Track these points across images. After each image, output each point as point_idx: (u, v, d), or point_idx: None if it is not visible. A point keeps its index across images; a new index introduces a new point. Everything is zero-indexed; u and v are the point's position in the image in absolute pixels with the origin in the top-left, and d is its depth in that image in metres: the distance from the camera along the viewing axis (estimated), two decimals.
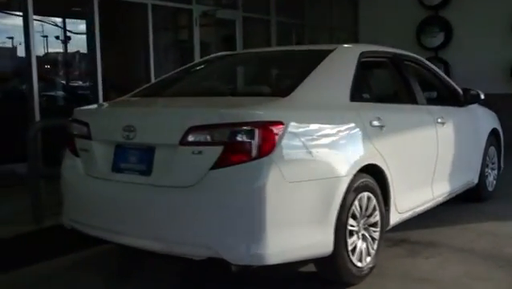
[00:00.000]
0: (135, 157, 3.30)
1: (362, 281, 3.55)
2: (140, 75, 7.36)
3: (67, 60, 11.98)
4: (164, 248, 3.15)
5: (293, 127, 3.07)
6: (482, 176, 5.55)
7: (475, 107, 5.44)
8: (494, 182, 5.93)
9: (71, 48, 12.59)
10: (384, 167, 3.69)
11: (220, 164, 2.97)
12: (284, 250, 3.02)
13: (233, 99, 3.50)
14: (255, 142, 2.93)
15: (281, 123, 3.02)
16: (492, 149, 5.80)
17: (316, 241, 3.19)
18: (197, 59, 7.56)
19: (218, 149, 2.97)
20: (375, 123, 3.71)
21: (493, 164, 5.87)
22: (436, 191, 4.59)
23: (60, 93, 8.06)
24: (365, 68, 4.05)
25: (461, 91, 5.22)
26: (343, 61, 3.83)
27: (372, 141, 3.63)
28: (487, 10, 9.71)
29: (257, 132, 2.94)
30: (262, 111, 3.04)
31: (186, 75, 4.46)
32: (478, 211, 5.32)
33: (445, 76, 5.22)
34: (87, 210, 3.51)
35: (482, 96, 5.18)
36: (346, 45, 4.06)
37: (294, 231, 3.06)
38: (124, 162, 3.35)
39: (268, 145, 2.95)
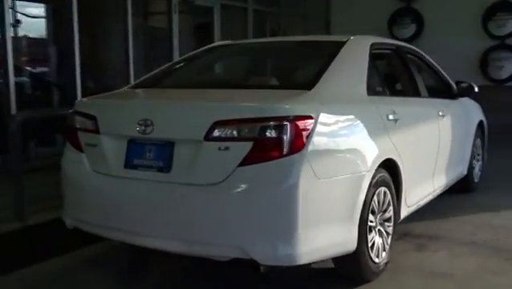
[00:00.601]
0: (151, 153, 3.10)
1: (378, 277, 3.49)
2: (118, 64, 7.07)
3: (38, 46, 11.37)
4: (186, 249, 2.99)
5: (321, 121, 2.96)
6: (470, 167, 5.61)
7: (465, 99, 5.46)
8: (479, 173, 6.00)
9: (41, 33, 11.95)
10: (398, 161, 3.64)
11: (249, 160, 2.82)
12: (314, 249, 2.92)
13: (257, 92, 3.33)
14: (287, 138, 2.80)
15: (311, 117, 2.90)
16: (478, 141, 5.86)
17: (343, 238, 3.10)
18: (176, 48, 7.33)
19: (247, 145, 2.82)
20: (391, 116, 3.64)
21: (478, 155, 5.94)
22: (437, 183, 4.61)
23: (36, 82, 7.63)
24: (374, 60, 3.96)
25: (453, 84, 5.24)
26: (358, 53, 3.74)
27: (389, 135, 3.57)
28: (458, 2, 9.84)
29: (289, 127, 2.81)
30: (294, 105, 2.91)
31: (193, 64, 4.26)
32: (469, 202, 5.37)
33: (440, 68, 5.21)
34: (96, 209, 3.29)
35: (476, 89, 5.21)
36: (357, 36, 3.95)
37: (323, 229, 2.96)
38: (139, 158, 3.14)
39: (300, 141, 2.82)
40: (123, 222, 3.16)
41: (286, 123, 2.81)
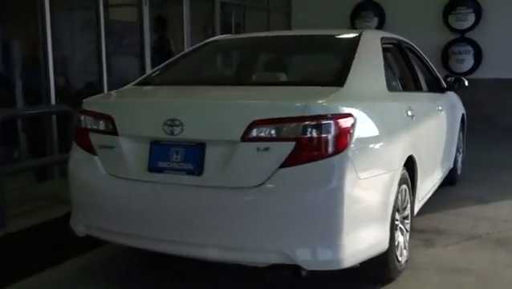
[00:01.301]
0: (179, 155, 2.92)
1: (401, 275, 3.45)
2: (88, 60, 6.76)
3: None
4: (222, 256, 2.84)
5: (359, 119, 2.86)
6: (455, 160, 5.70)
7: (450, 93, 5.53)
8: (461, 166, 6.12)
9: None
10: (416, 157, 3.62)
11: (291, 161, 2.69)
12: (355, 251, 2.83)
13: (289, 89, 3.19)
14: (332, 137, 2.69)
15: (351, 115, 2.80)
16: (460, 134, 5.97)
17: (379, 239, 3.03)
18: (147, 41, 7.05)
19: (289, 145, 2.69)
20: (409, 113, 3.61)
21: (460, 148, 6.05)
22: (436, 177, 4.66)
23: None
24: (385, 55, 3.92)
25: (441, 77, 5.29)
26: (374, 48, 3.67)
27: (409, 132, 3.53)
28: None
29: (333, 125, 2.70)
30: (336, 103, 2.80)
31: (203, 60, 4.06)
32: (457, 195, 5.45)
33: (429, 62, 5.24)
34: (114, 216, 3.07)
35: (466, 83, 5.27)
36: (367, 30, 3.89)
37: (363, 231, 2.88)
38: (165, 161, 2.95)
39: (344, 140, 2.73)
40: (147, 229, 2.96)
41: (330, 122, 2.70)
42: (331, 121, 2.70)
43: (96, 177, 3.14)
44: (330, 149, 2.69)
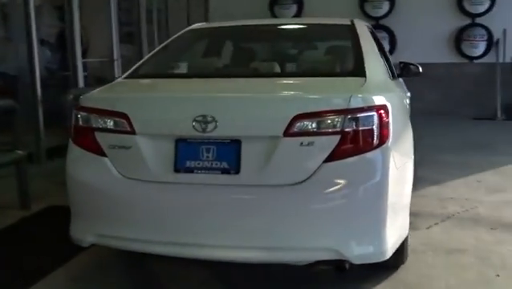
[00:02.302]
0: (210, 154, 2.74)
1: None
2: None
3: None
4: (267, 257, 2.73)
5: (391, 109, 2.86)
6: None
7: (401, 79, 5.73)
8: None
9: None
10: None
11: (337, 155, 2.64)
12: (394, 242, 2.86)
13: (317, 80, 3.09)
14: (376, 129, 2.67)
15: (386, 106, 2.79)
16: None
17: (404, 226, 3.09)
18: (34, 27, 6.27)
19: (334, 139, 2.64)
20: (407, 100, 3.69)
21: None
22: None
23: None
24: None
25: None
26: (369, 36, 3.70)
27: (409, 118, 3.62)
28: None
29: (376, 117, 2.68)
30: (375, 95, 2.77)
31: (207, 51, 3.84)
32: (416, 178, 5.68)
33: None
34: (133, 222, 2.83)
35: (421, 69, 5.47)
36: (356, 19, 3.91)
37: (397, 221, 2.91)
38: (194, 160, 2.76)
39: (385, 131, 2.72)
40: (175, 233, 2.77)
41: (374, 113, 2.68)
42: (375, 113, 2.68)
43: (108, 180, 2.87)
44: (375, 141, 2.67)
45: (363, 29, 3.68)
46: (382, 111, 2.71)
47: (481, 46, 9.92)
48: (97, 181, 2.91)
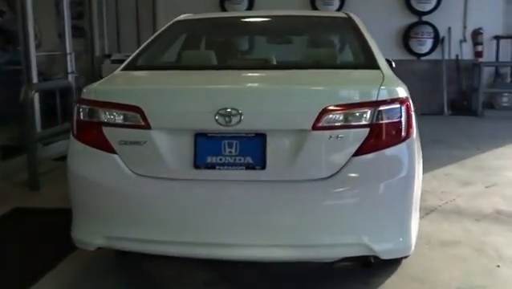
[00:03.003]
0: (233, 148, 2.62)
1: None
2: None
3: None
4: (295, 255, 2.65)
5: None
6: None
7: None
8: None
9: None
10: None
11: (366, 149, 2.59)
12: (415, 236, 2.84)
13: (338, 72, 3.01)
14: (404, 121, 2.65)
15: (409, 98, 2.77)
16: None
17: (418, 220, 3.07)
18: None
19: (363, 132, 2.59)
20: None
21: None
22: None
23: None
24: None
25: None
26: (366, 29, 3.67)
27: None
28: None
29: (403, 109, 2.65)
30: (399, 87, 2.74)
31: (210, 43, 3.67)
32: None
33: None
34: (149, 222, 2.67)
35: (394, 65, 5.54)
36: (347, 12, 3.89)
37: (416, 215, 2.89)
38: (215, 155, 2.62)
39: (411, 123, 2.70)
40: (197, 234, 2.63)
41: (401, 105, 2.65)
42: (402, 105, 2.65)
43: (119, 178, 2.69)
44: (403, 134, 2.64)
45: (360, 22, 3.66)
46: (408, 103, 2.69)
47: (428, 44, 10.23)
48: (106, 179, 2.72)
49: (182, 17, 3.99)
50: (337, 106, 2.57)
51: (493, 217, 4.39)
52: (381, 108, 2.59)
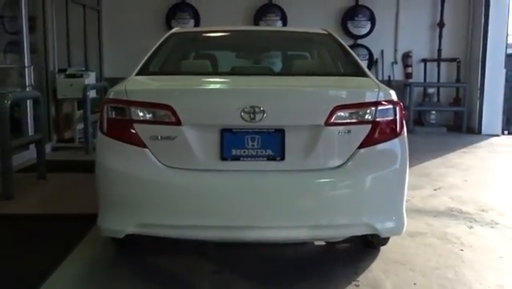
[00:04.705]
0: (255, 142, 3.00)
1: None
2: None
3: None
4: (311, 234, 3.07)
5: None
6: None
7: None
8: None
9: None
10: None
11: (368, 142, 3.05)
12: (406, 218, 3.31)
13: (341, 78, 3.46)
14: (398, 119, 3.13)
15: (399, 100, 3.27)
16: None
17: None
18: None
19: (365, 128, 3.05)
20: None
21: None
22: None
23: None
24: None
25: None
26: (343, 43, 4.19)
27: None
28: None
29: (398, 109, 3.13)
30: (391, 91, 3.22)
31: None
32: None
33: None
34: (180, 209, 2.98)
35: None
36: (325, 29, 4.39)
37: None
38: (240, 148, 2.99)
39: (403, 122, 3.18)
40: (226, 218, 2.97)
41: (395, 106, 3.14)
42: (396, 106, 3.14)
43: (150, 170, 2.99)
44: (398, 130, 3.13)
45: (338, 38, 4.18)
46: (401, 105, 3.18)
47: (364, 65, 11.00)
48: (137, 171, 3.00)
49: (176, 30, 4.35)
50: (346, 105, 3.03)
51: (447, 213, 4.99)
52: (380, 108, 3.07)
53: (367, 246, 3.24)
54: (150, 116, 3.01)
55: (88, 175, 5.46)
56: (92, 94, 7.98)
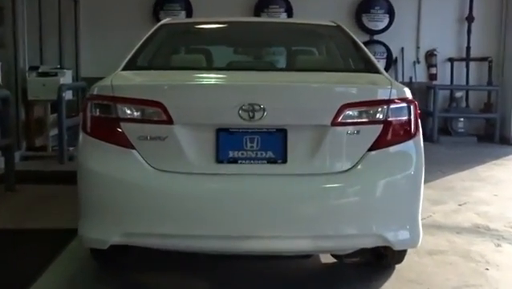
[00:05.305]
0: (254, 143, 3.18)
1: None
2: None
3: None
4: (314, 246, 3.23)
5: None
6: None
7: None
8: None
9: None
10: None
11: (379, 144, 3.24)
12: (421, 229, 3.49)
13: (351, 74, 3.65)
14: (412, 119, 3.32)
15: (414, 98, 3.47)
16: None
17: None
18: None
19: (377, 128, 3.23)
20: None
21: None
22: None
23: None
24: None
25: None
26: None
27: None
28: None
29: (412, 108, 3.33)
30: (407, 88, 3.42)
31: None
32: None
33: None
34: (171, 217, 3.16)
35: None
36: (331, 20, 4.63)
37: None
38: (237, 150, 3.18)
39: (418, 122, 3.37)
40: (220, 227, 3.14)
41: (410, 104, 3.32)
42: (410, 104, 3.33)
43: (138, 174, 3.16)
44: (413, 130, 3.32)
45: (348, 30, 4.40)
46: (415, 103, 3.37)
47: (381, 64, 11.20)
48: (124, 175, 3.18)
49: (166, 21, 4.57)
50: (354, 103, 3.21)
51: (472, 230, 5.19)
52: (393, 106, 3.26)
53: (380, 263, 3.40)
54: (138, 113, 3.19)
55: (63, 187, 5.78)
56: (68, 95, 8.16)
